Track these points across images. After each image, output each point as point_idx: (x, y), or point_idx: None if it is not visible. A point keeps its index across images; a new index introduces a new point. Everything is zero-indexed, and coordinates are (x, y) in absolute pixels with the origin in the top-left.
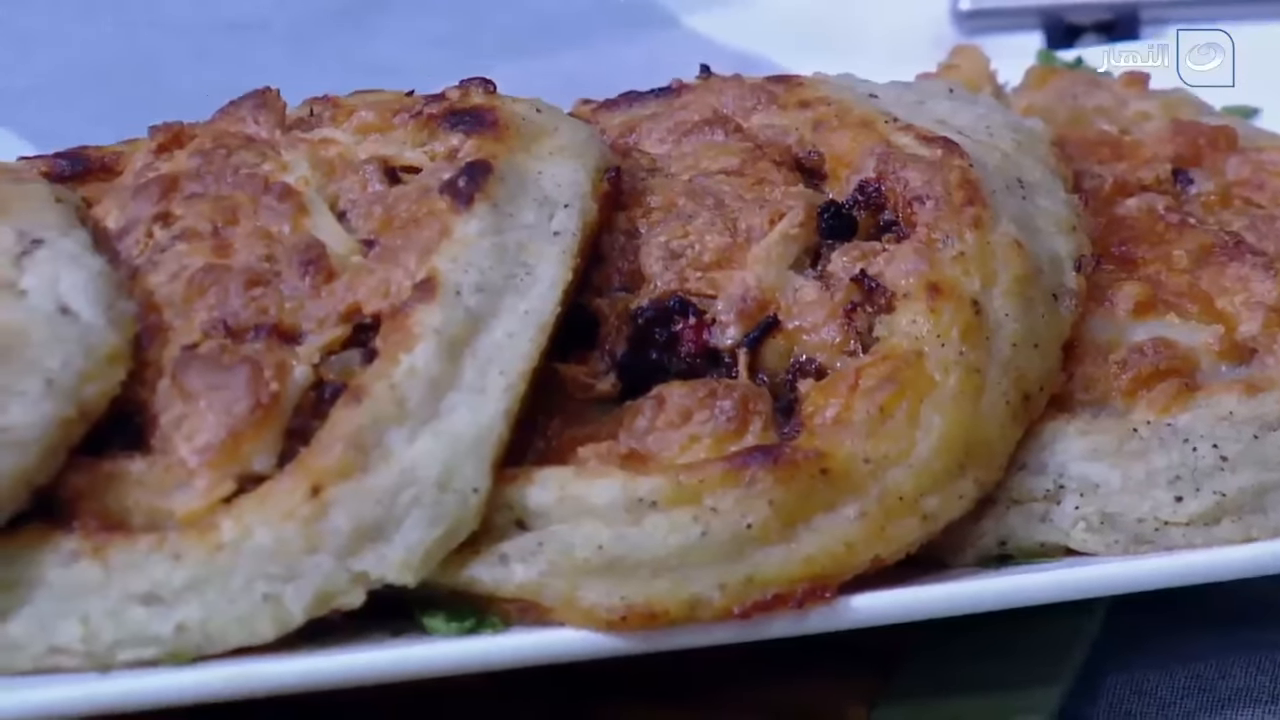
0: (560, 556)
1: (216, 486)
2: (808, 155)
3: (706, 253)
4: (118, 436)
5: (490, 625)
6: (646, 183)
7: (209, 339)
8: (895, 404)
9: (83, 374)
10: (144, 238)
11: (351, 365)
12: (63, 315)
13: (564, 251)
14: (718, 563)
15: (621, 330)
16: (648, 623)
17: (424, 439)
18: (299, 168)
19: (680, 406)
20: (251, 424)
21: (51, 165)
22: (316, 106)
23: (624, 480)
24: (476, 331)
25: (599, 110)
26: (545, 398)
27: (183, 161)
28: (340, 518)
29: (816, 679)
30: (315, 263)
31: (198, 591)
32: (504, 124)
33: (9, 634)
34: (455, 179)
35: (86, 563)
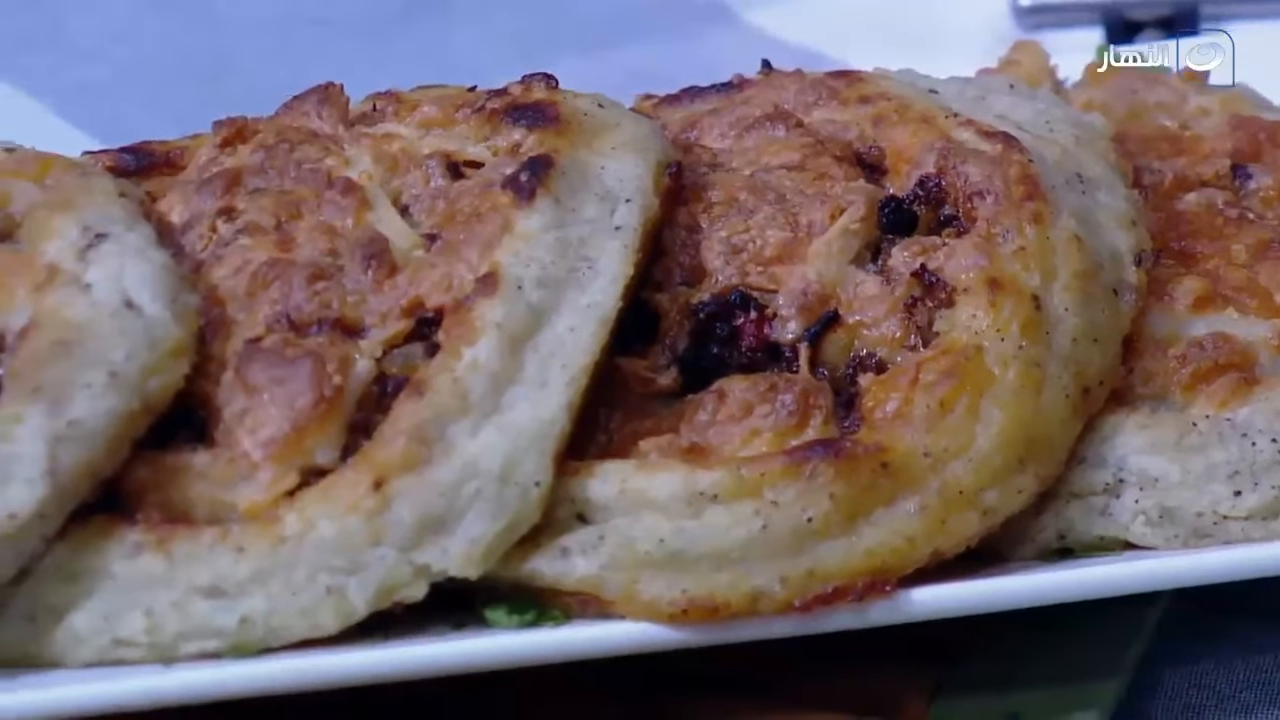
0: (621, 550)
1: (280, 479)
2: (868, 150)
3: (767, 247)
4: (182, 430)
5: (552, 618)
6: (708, 178)
7: (272, 333)
8: (955, 398)
9: (147, 367)
10: (208, 232)
11: (414, 359)
12: (127, 309)
13: (625, 246)
14: (779, 556)
15: (683, 324)
16: (709, 616)
17: (486, 432)
18: (362, 162)
19: (741, 400)
20: (315, 417)
21: (116, 160)
22: (379, 101)
23: (685, 473)
24: (538, 326)
25: (661, 105)
26: (607, 392)
27: (246, 156)
28: (403, 510)
29: (876, 672)
30: (378, 257)
31: (261, 584)
32: (566, 119)
33: (73, 626)
34: (517, 174)
35: (150, 555)
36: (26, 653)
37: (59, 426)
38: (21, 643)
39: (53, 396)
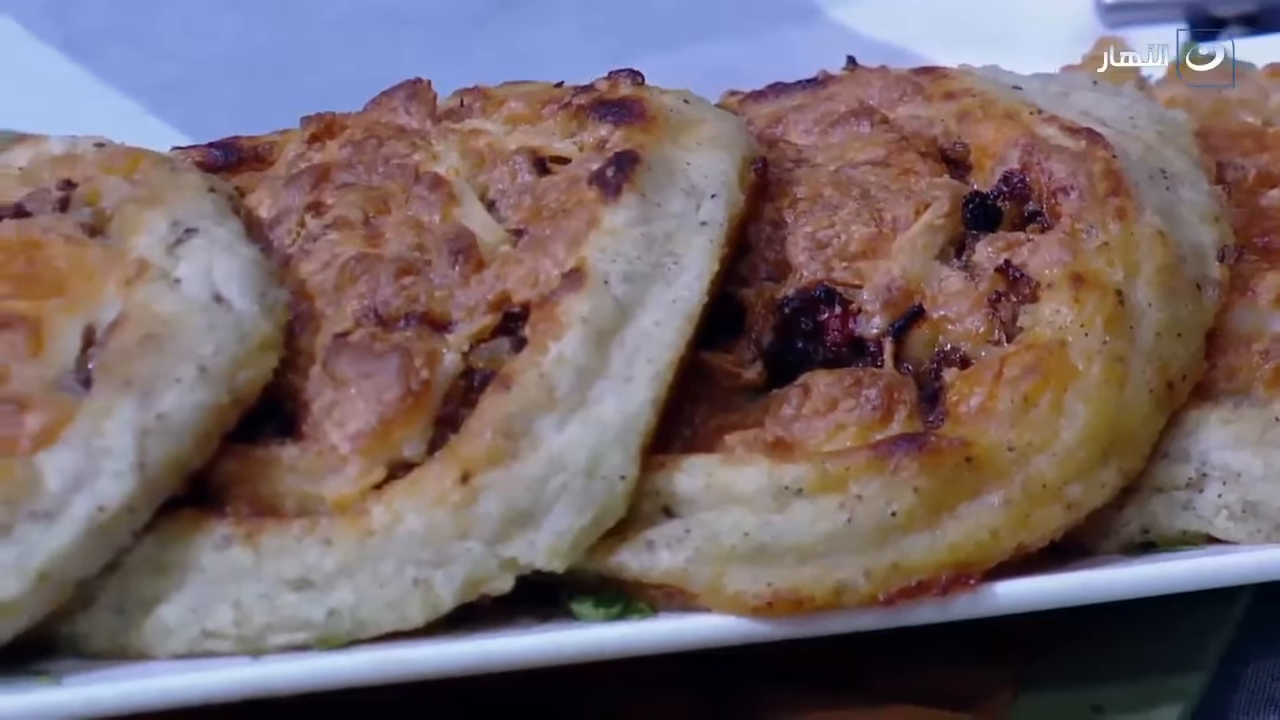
0: (707, 543)
1: (368, 473)
2: (953, 146)
3: (852, 243)
4: (270, 423)
5: (638, 611)
6: (793, 173)
7: (360, 327)
8: (1039, 393)
9: (236, 361)
10: (296, 227)
11: (500, 353)
12: (216, 303)
13: (711, 241)
14: (863, 550)
15: (768, 319)
16: (793, 609)
17: (572, 427)
18: (449, 158)
19: (826, 395)
20: (402, 411)
21: (205, 155)
22: (467, 98)
23: (770, 468)
24: (624, 320)
25: (746, 102)
26: (692, 386)
27: (334, 151)
28: (490, 504)
29: (961, 665)
30: (465, 252)
31: (349, 576)
32: (652, 115)
33: (162, 618)
34: (604, 169)
35: (239, 548)
36: (116, 644)
37: (148, 420)
38: (111, 634)
39: (142, 390)
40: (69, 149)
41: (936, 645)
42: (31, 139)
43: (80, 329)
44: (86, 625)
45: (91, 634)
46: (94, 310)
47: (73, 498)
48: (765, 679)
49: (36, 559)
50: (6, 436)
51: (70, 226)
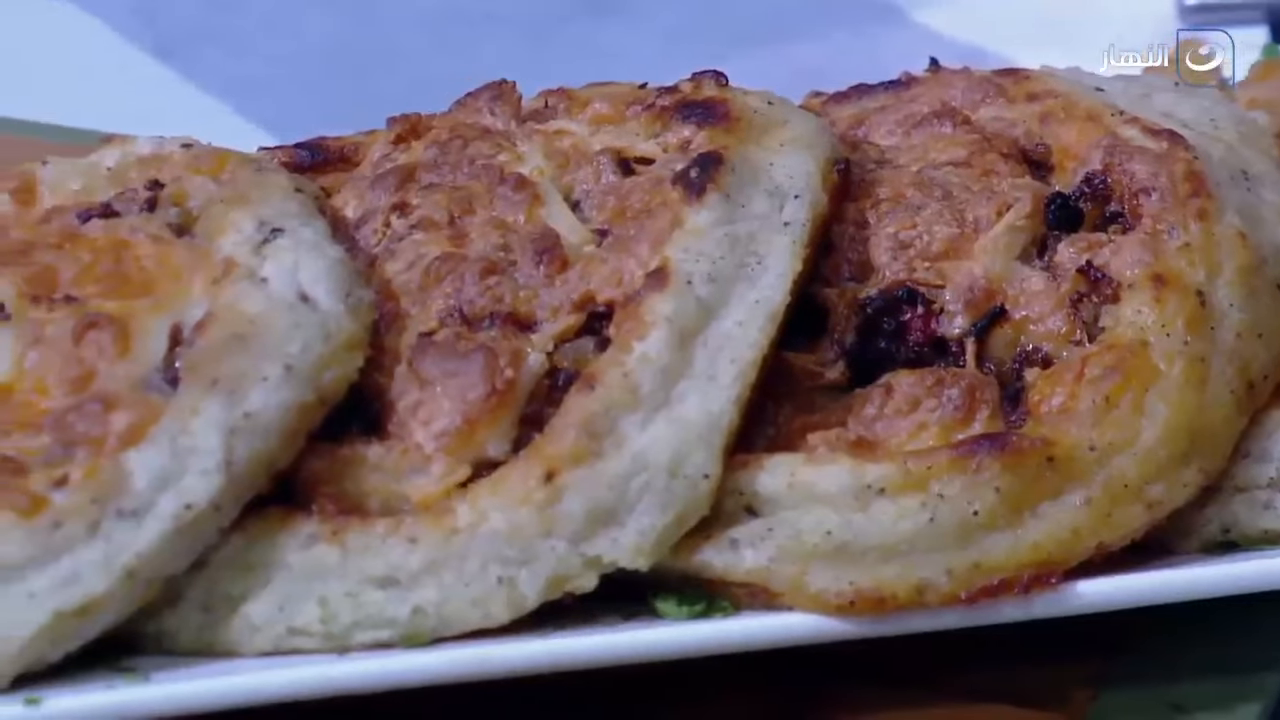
0: (789, 542)
1: (452, 471)
2: (1035, 147)
3: (935, 243)
4: (355, 422)
5: (721, 609)
6: (876, 174)
7: (445, 327)
8: (1121, 393)
9: (321, 360)
10: (381, 227)
11: (585, 353)
12: (302, 303)
13: (794, 242)
14: (945, 548)
15: (851, 319)
16: (875, 607)
17: (656, 425)
18: (534, 158)
19: (908, 394)
20: (487, 410)
21: (291, 155)
22: (551, 98)
23: (852, 467)
24: (708, 320)
25: (829, 103)
26: (775, 385)
27: (420, 152)
28: (574, 503)
29: (1043, 663)
30: (550, 252)
31: (433, 574)
32: (736, 116)
33: (249, 615)
34: (687, 170)
35: (325, 546)
36: (202, 641)
37: (235, 419)
38: (197, 631)
39: (229, 389)
40: (156, 149)
41: (1017, 644)
42: (119, 139)
43: (167, 328)
44: (173, 622)
45: (178, 631)
46: (181, 310)
47: (160, 496)
48: (843, 678)
49: (124, 557)
50: (94, 435)
51: (158, 226)
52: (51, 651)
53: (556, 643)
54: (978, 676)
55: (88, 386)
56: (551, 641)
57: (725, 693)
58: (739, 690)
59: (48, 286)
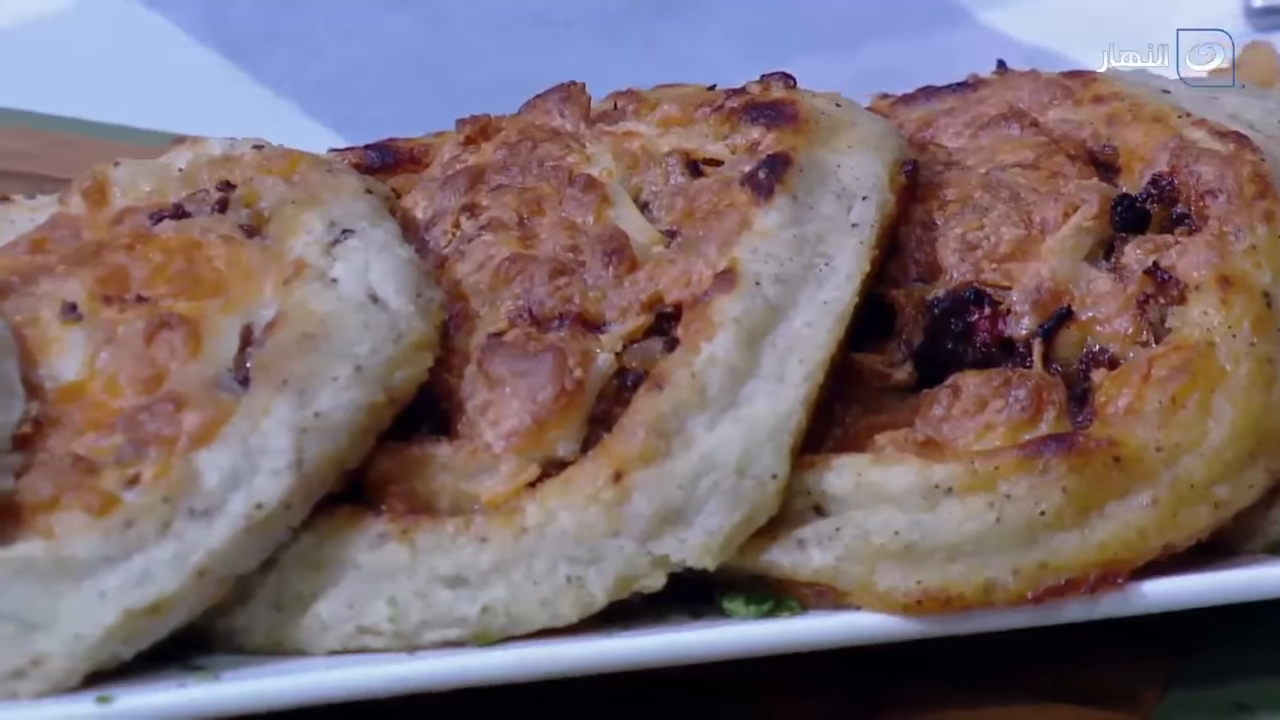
0: (857, 541)
1: (521, 471)
2: (1102, 149)
3: (1002, 244)
4: (425, 422)
5: (788, 608)
6: (943, 176)
7: (515, 327)
8: (1187, 394)
9: (391, 361)
10: (451, 228)
11: (653, 353)
12: (372, 303)
13: (862, 243)
14: (1012, 548)
15: (918, 320)
16: (943, 607)
17: (724, 426)
18: (603, 160)
19: (976, 395)
20: (556, 410)
21: (361, 157)
22: (620, 100)
23: (920, 467)
24: (776, 321)
25: (897, 105)
26: (842, 386)
27: (489, 153)
28: (642, 502)
29: (1110, 663)
30: (618, 253)
31: (502, 574)
32: (804, 118)
33: (319, 614)
34: (755, 171)
35: (394, 545)
36: (272, 640)
37: (305, 418)
38: (268, 630)
39: (299, 389)
40: (228, 151)
41: (1084, 644)
42: (191, 140)
43: (238, 328)
44: (244, 621)
45: (249, 630)
46: (252, 310)
47: (230, 495)
48: (907, 678)
49: (195, 556)
50: (166, 435)
51: (229, 227)
52: (123, 650)
53: (624, 642)
54: (1044, 676)
55: (159, 386)
56: (619, 641)
57: (790, 692)
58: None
59: (120, 287)
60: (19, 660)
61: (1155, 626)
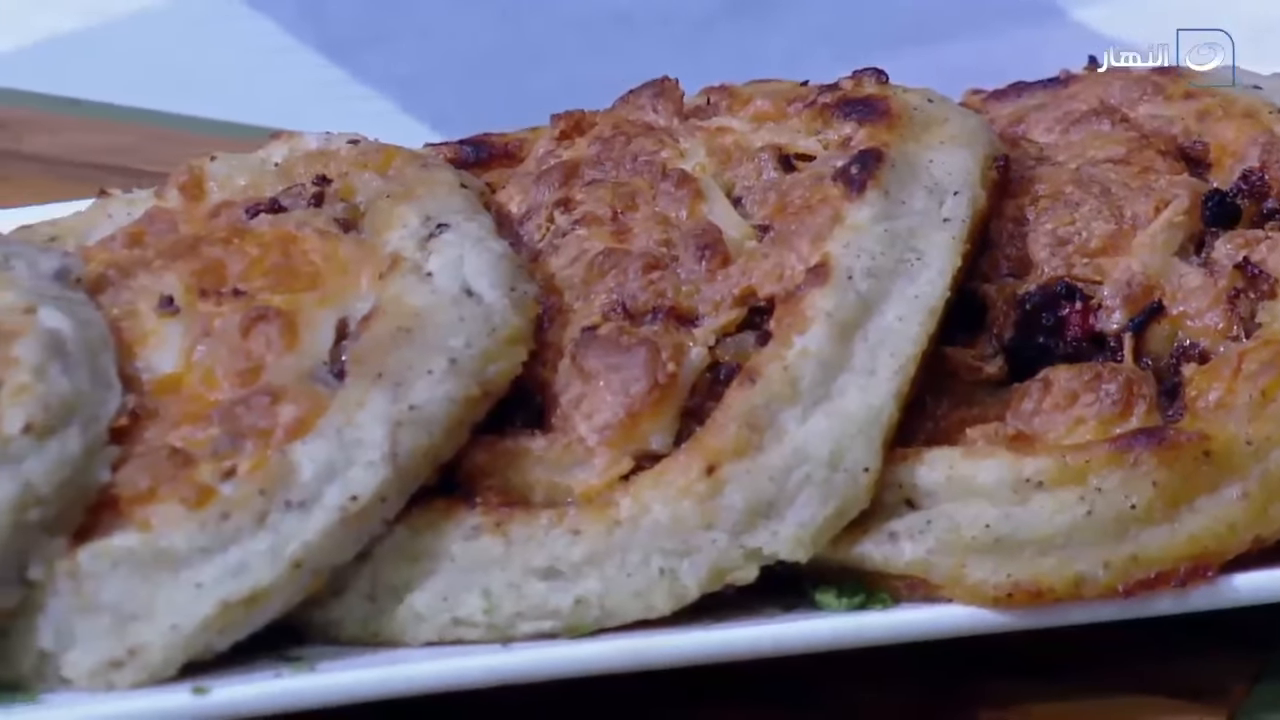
0: (948, 534)
1: (615, 464)
2: (1192, 145)
3: (1093, 240)
4: (519, 415)
5: (880, 601)
6: (1034, 171)
7: (608, 321)
8: (1277, 388)
9: (485, 354)
10: (545, 222)
11: (746, 347)
12: (467, 297)
13: (953, 238)
14: (1102, 542)
15: (1009, 315)
16: (1033, 600)
17: (816, 419)
18: (696, 155)
19: (1066, 389)
20: (649, 404)
21: (456, 152)
22: (713, 95)
23: (1011, 461)
24: (867, 315)
25: (988, 100)
26: (933, 380)
27: (583, 148)
28: (735, 495)
29: (1199, 656)
30: (711, 247)
31: (596, 566)
32: (896, 113)
33: (414, 606)
34: (848, 166)
35: (488, 537)
36: (367, 631)
37: (400, 411)
38: (363, 621)
39: (394, 382)
40: (324, 145)
41: (1174, 637)
42: (287, 135)
43: (334, 322)
44: (339, 612)
45: (344, 621)
46: (347, 303)
47: (326, 487)
48: (995, 670)
49: (290, 547)
50: (262, 428)
51: (324, 221)
52: (219, 641)
53: (718, 634)
54: (1132, 670)
55: (255, 379)
56: (713, 633)
57: (876, 684)
58: (890, 682)
59: (216, 281)
60: (116, 650)
61: (1244, 621)
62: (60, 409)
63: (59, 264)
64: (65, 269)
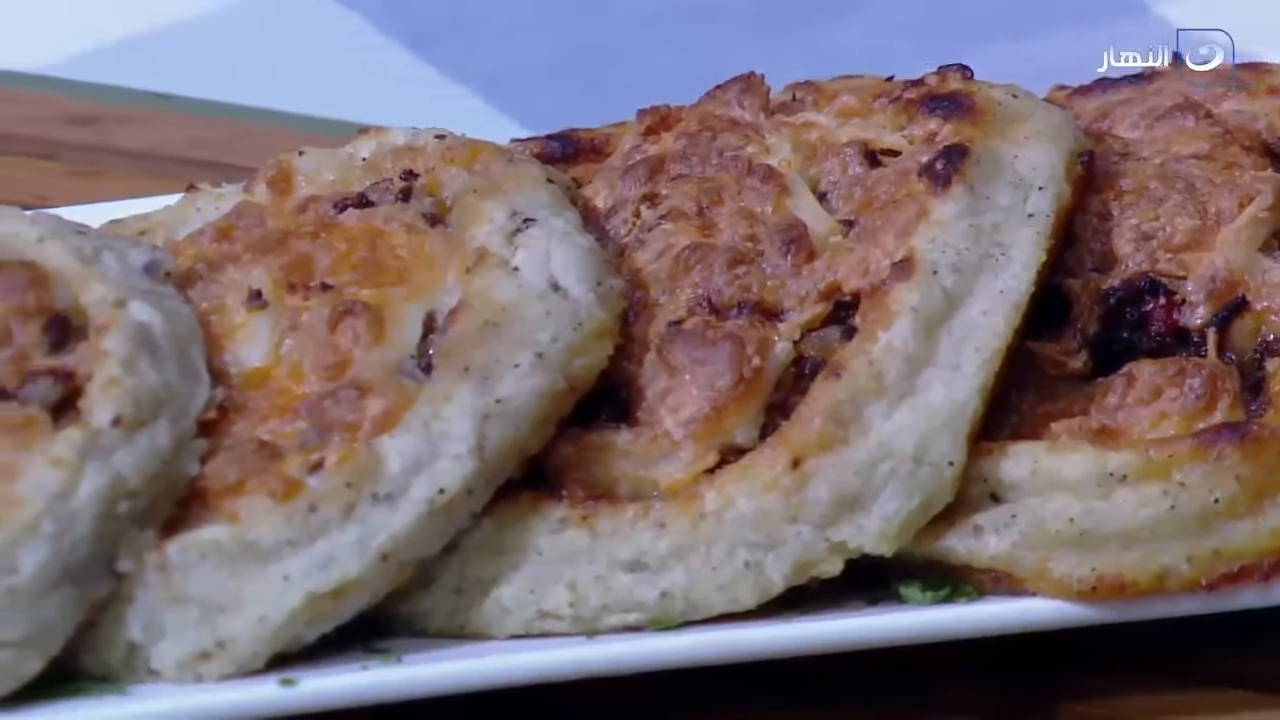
0: (1032, 528)
1: (700, 458)
2: (1276, 141)
3: (1177, 235)
4: (605, 409)
5: (965, 594)
6: (1119, 166)
7: (694, 315)
8: None
9: (572, 348)
10: (631, 217)
11: (830, 342)
12: (553, 291)
13: (1038, 233)
14: (1185, 536)
15: (1093, 310)
16: (1117, 594)
17: (901, 413)
18: (781, 150)
19: (1150, 384)
20: (735, 398)
21: (543, 147)
22: (799, 91)
23: (1095, 455)
24: (952, 310)
25: (1073, 96)
26: (1019, 374)
27: (669, 144)
28: (820, 489)
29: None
30: (797, 242)
31: (681, 559)
32: (981, 109)
33: (500, 598)
34: (933, 162)
35: (575, 530)
36: (454, 623)
37: (487, 405)
38: (449, 614)
39: (481, 376)
40: (411, 140)
41: (1256, 632)
42: (375, 130)
43: (421, 316)
44: (426, 605)
45: (430, 613)
46: (435, 297)
47: (413, 480)
48: (1077, 664)
49: (378, 540)
50: (349, 421)
51: (412, 216)
52: (306, 633)
53: (803, 627)
54: (1217, 664)
55: (343, 373)
56: (798, 625)
57: (959, 678)
58: (972, 675)
59: (304, 275)
60: (205, 642)
61: None
62: (149, 402)
63: (149, 258)
64: (155, 263)
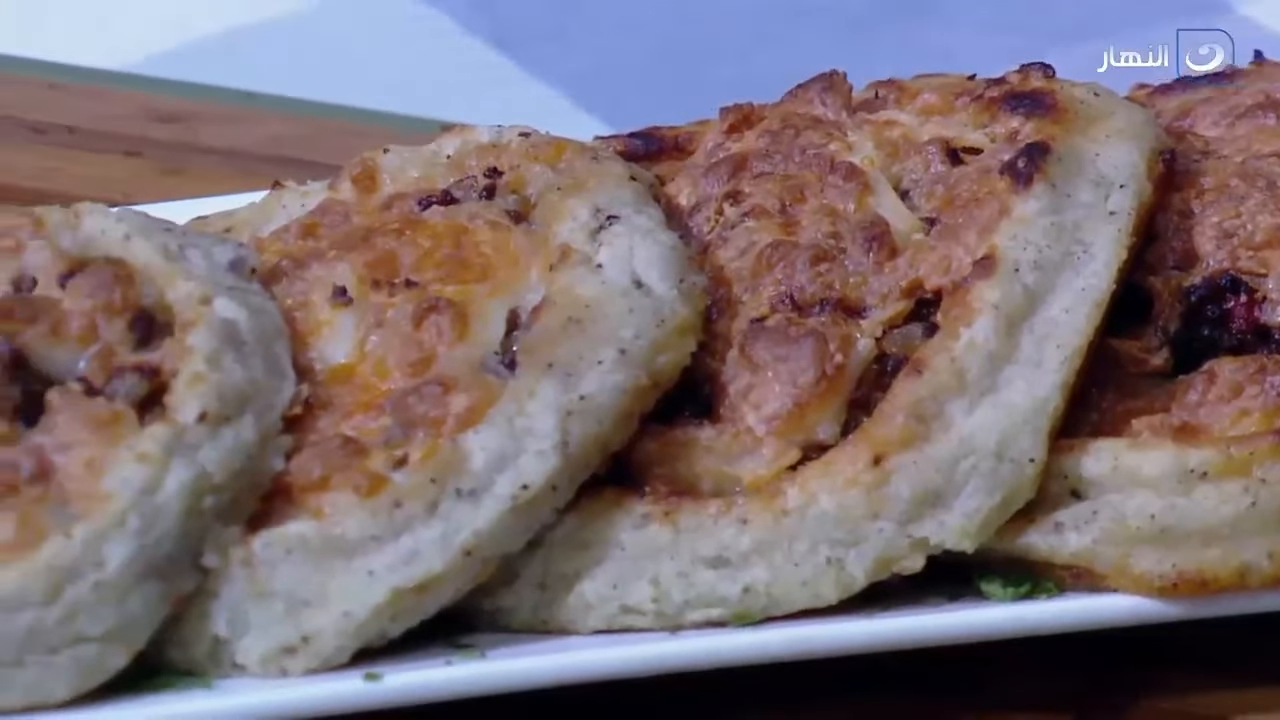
0: (1113, 525)
1: (782, 454)
2: None
3: (1258, 233)
4: (688, 405)
5: (1045, 590)
6: (1200, 165)
7: (776, 312)
8: None
9: (655, 345)
10: (714, 215)
11: (912, 339)
12: (636, 288)
13: (1119, 231)
14: (1266, 532)
15: (1174, 307)
16: (1198, 590)
17: (982, 410)
18: (864, 148)
19: (1231, 381)
20: (817, 395)
21: (626, 144)
22: (881, 89)
23: (1176, 452)
24: (1034, 307)
25: (1155, 94)
26: (1099, 371)
27: (752, 141)
28: (901, 485)
29: None
30: (879, 240)
31: (763, 555)
32: (1063, 107)
33: (583, 594)
34: (1015, 160)
35: (657, 526)
36: (537, 619)
37: (570, 401)
38: (533, 609)
39: (564, 372)
40: (495, 138)
41: None
42: (459, 128)
43: (505, 312)
44: (509, 600)
45: (514, 609)
46: (518, 294)
47: (497, 476)
48: (1156, 660)
49: (462, 535)
50: (433, 417)
51: (496, 213)
52: (391, 628)
53: (885, 623)
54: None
55: (427, 369)
56: (881, 622)
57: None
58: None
59: (389, 271)
60: (290, 637)
61: None
62: (235, 398)
63: (234, 255)
64: (240, 260)
